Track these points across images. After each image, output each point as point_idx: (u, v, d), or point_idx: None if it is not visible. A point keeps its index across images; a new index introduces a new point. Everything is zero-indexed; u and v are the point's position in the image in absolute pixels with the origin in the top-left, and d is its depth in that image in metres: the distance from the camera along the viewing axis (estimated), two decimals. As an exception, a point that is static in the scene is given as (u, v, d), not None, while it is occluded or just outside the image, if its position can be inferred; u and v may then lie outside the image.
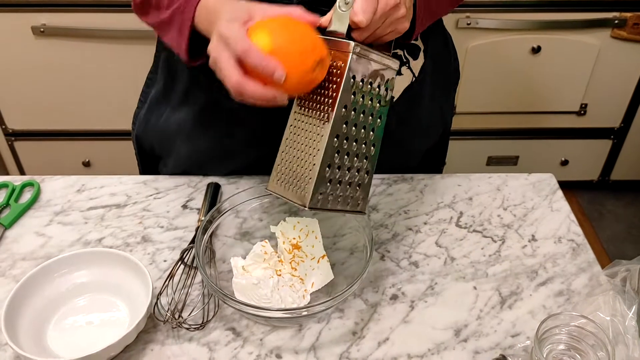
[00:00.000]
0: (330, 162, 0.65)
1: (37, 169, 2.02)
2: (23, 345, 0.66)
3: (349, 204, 0.69)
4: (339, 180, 0.66)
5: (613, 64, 1.87)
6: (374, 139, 0.69)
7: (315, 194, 0.64)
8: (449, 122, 1.06)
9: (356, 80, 0.64)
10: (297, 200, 0.65)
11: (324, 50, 0.63)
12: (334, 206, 0.67)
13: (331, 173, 0.65)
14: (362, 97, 0.65)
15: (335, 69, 0.63)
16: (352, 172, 0.67)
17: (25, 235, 0.86)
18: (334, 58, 0.64)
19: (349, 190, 0.68)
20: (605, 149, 2.09)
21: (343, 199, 0.68)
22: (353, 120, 0.65)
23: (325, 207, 0.66)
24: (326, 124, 0.64)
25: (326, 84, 0.64)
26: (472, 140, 2.03)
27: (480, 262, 0.82)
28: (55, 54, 1.76)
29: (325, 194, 0.65)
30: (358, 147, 0.67)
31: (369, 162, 0.69)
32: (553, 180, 0.97)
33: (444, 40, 0.98)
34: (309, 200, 0.64)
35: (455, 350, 0.71)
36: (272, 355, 0.70)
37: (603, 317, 0.68)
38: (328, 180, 0.65)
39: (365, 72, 0.65)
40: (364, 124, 0.67)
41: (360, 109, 0.66)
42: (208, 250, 0.78)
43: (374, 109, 0.67)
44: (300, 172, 0.66)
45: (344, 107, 0.64)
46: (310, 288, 0.76)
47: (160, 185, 0.94)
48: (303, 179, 0.65)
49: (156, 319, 0.73)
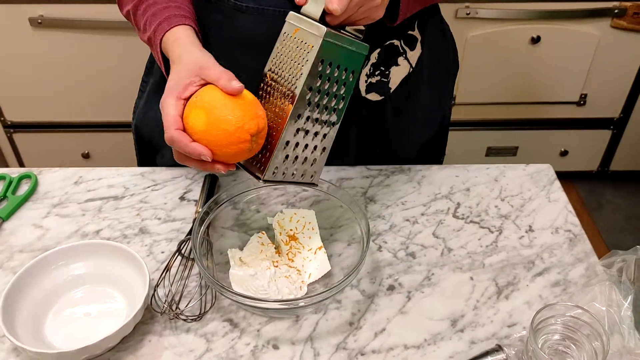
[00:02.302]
0: (289, 139, 0.67)
1: (36, 161, 2.02)
2: (21, 337, 0.66)
3: (302, 177, 0.72)
4: (295, 156, 0.69)
5: (613, 54, 1.86)
6: (334, 119, 0.71)
7: (271, 168, 0.67)
8: (447, 113, 1.06)
9: (324, 65, 0.65)
10: (254, 171, 0.69)
11: (252, 127, 0.64)
12: (288, 178, 0.70)
13: (289, 150, 0.68)
14: (328, 79, 0.67)
15: (305, 50, 0.64)
16: (309, 150, 0.70)
17: (22, 227, 0.86)
18: (303, 37, 0.65)
19: (304, 164, 0.71)
20: (604, 140, 2.09)
21: (297, 172, 0.71)
22: (316, 102, 0.67)
23: (279, 180, 0.69)
24: (289, 103, 0.65)
25: (295, 64, 0.65)
26: (472, 131, 2.03)
27: (477, 252, 0.83)
28: (53, 45, 1.76)
29: (280, 168, 0.68)
30: (317, 128, 0.69)
31: (326, 140, 0.71)
32: (551, 170, 0.97)
33: (442, 31, 0.97)
34: (264, 174, 0.67)
35: (452, 340, 0.71)
36: (269, 346, 0.70)
37: (599, 307, 0.68)
38: (285, 156, 0.68)
39: (333, 57, 0.66)
40: (326, 105, 0.69)
41: (324, 91, 0.67)
42: (205, 242, 0.78)
43: (338, 92, 0.69)
44: (262, 145, 0.68)
45: (309, 89, 0.65)
46: (307, 279, 0.76)
47: (157, 177, 0.94)
48: (262, 152, 0.68)
49: (153, 311, 0.73)
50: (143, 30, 0.80)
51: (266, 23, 0.79)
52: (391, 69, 0.88)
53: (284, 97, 0.66)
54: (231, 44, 0.83)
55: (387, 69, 0.88)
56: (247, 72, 0.84)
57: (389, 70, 0.88)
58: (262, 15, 0.79)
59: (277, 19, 0.79)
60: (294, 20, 0.66)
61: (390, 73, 0.88)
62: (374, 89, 0.89)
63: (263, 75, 0.69)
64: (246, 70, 0.83)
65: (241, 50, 0.82)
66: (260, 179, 0.67)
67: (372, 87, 0.88)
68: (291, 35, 0.66)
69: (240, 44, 0.82)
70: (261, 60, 0.69)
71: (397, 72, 0.89)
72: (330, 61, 0.65)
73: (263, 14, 0.79)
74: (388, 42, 0.86)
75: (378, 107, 0.91)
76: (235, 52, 0.83)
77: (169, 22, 0.75)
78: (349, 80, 0.69)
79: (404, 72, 0.90)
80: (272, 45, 0.68)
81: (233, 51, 0.83)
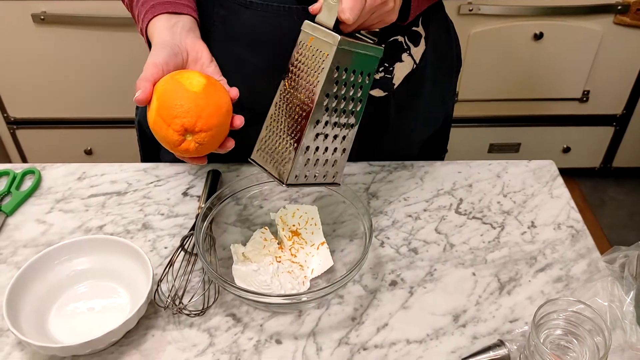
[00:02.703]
0: (309, 144, 0.68)
1: (39, 157, 2.03)
2: (25, 331, 0.67)
3: (324, 178, 0.73)
4: (316, 159, 0.70)
5: (616, 50, 1.86)
6: (352, 121, 0.72)
7: (293, 173, 0.68)
8: (450, 109, 1.06)
9: (339, 71, 0.66)
10: (277, 176, 0.70)
11: (190, 121, 0.65)
12: (310, 181, 0.71)
13: (309, 154, 0.69)
14: (344, 84, 0.68)
15: (321, 58, 0.66)
16: (329, 152, 0.71)
17: (26, 223, 0.86)
18: (318, 45, 0.66)
19: (325, 167, 0.72)
20: (607, 136, 2.08)
21: (319, 175, 0.72)
22: (333, 107, 0.68)
23: (301, 183, 0.70)
24: (307, 109, 0.67)
25: (311, 72, 0.67)
26: (474, 128, 2.03)
27: (480, 248, 0.83)
28: (56, 41, 1.76)
29: (302, 173, 0.70)
30: (337, 131, 0.71)
31: (345, 142, 0.73)
32: (553, 167, 0.97)
33: (446, 27, 0.97)
34: (286, 179, 0.68)
35: (454, 335, 0.71)
36: (272, 341, 0.71)
37: (601, 302, 0.69)
38: (305, 161, 0.69)
39: (348, 63, 0.67)
40: (343, 109, 0.70)
41: (341, 96, 0.68)
42: (208, 237, 0.78)
43: (355, 96, 0.70)
44: (281, 150, 0.69)
45: (326, 95, 0.67)
46: (310, 274, 0.77)
47: (160, 173, 0.95)
48: (283, 157, 0.69)
49: (157, 305, 0.73)
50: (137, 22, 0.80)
51: (270, 19, 0.79)
52: (395, 65, 0.88)
53: (303, 104, 0.67)
54: (234, 39, 0.83)
55: (390, 65, 0.88)
56: (250, 68, 0.84)
57: (393, 67, 0.88)
58: (266, 11, 0.79)
59: (281, 15, 0.79)
60: (309, 29, 0.67)
61: (394, 69, 0.88)
62: (377, 85, 0.89)
63: (281, 83, 0.70)
64: (249, 66, 0.84)
65: (244, 46, 0.82)
66: (283, 183, 0.69)
67: (375, 83, 0.88)
68: (307, 44, 0.67)
69: (244, 40, 0.82)
70: (264, 56, 0.69)
71: (401, 68, 0.89)
72: (345, 67, 0.67)
73: (267, 10, 0.79)
74: (392, 38, 0.86)
75: (381, 103, 0.91)
76: (238, 47, 0.83)
77: (152, 12, 0.75)
78: (365, 83, 0.70)
79: (407, 68, 0.90)
80: (275, 42, 0.69)
81: (236, 47, 0.83)
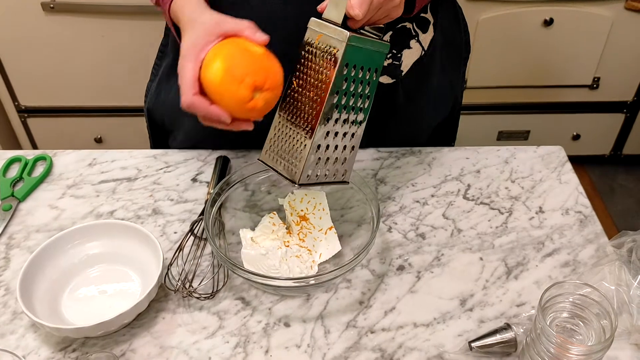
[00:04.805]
0: (320, 143, 0.68)
1: (50, 146, 2.04)
2: (38, 313, 0.68)
3: (334, 177, 0.73)
4: (327, 158, 0.70)
5: (626, 37, 1.84)
6: (361, 119, 0.72)
7: (305, 172, 0.68)
8: (459, 96, 1.06)
9: (348, 68, 0.66)
10: (287, 176, 0.70)
11: (260, 78, 0.63)
12: (321, 180, 0.71)
13: (320, 153, 0.69)
14: (353, 81, 0.68)
15: (330, 55, 0.65)
16: (339, 150, 0.71)
17: (38, 208, 0.87)
18: (327, 42, 0.66)
19: (335, 166, 0.72)
20: (617, 123, 2.07)
21: (329, 173, 0.72)
22: (343, 104, 0.68)
23: (313, 182, 0.70)
24: (317, 106, 0.66)
25: (319, 69, 0.66)
26: (483, 115, 2.02)
27: (487, 233, 0.83)
28: (66, 30, 1.77)
29: (314, 172, 0.69)
30: (346, 128, 0.71)
31: (354, 139, 0.72)
32: (562, 152, 0.97)
33: (454, 13, 0.97)
34: (298, 179, 0.68)
35: (461, 319, 0.72)
36: (281, 324, 0.72)
37: (608, 286, 0.69)
38: (317, 160, 0.69)
39: (357, 60, 0.67)
40: (352, 106, 0.70)
41: (350, 93, 0.69)
42: (217, 222, 0.79)
43: (364, 92, 0.70)
44: (291, 149, 0.69)
45: (336, 92, 0.67)
46: (318, 259, 0.77)
47: (170, 159, 0.96)
48: (294, 156, 0.69)
49: (167, 289, 0.74)
50: None
51: (279, 4, 0.79)
52: (403, 51, 0.88)
53: (312, 102, 0.67)
54: None
55: (399, 52, 0.88)
56: None
57: (401, 53, 0.88)
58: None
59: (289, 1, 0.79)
60: (315, 26, 0.67)
61: (402, 56, 0.88)
62: (385, 72, 0.89)
63: (289, 82, 0.70)
64: None
65: None
66: (295, 183, 0.68)
67: (383, 70, 0.88)
68: (314, 42, 0.67)
69: None
70: (274, 41, 0.69)
71: (409, 55, 0.89)
72: (354, 64, 0.67)
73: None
74: (400, 24, 0.86)
75: (389, 90, 0.91)
76: None
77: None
78: (373, 80, 0.70)
79: (415, 55, 0.90)
80: (284, 27, 0.69)
81: None
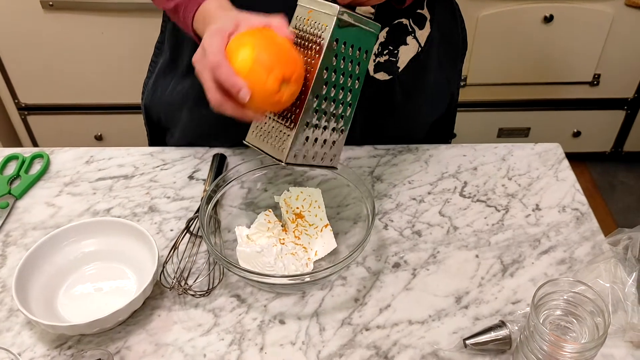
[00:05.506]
0: (308, 120, 0.67)
1: (50, 143, 2.04)
2: (34, 311, 0.68)
3: (322, 160, 0.72)
4: (315, 138, 0.69)
5: (627, 33, 1.84)
6: (350, 99, 0.71)
7: (292, 150, 0.67)
8: (455, 93, 1.06)
9: (338, 44, 0.66)
10: (275, 155, 0.69)
11: (288, 70, 0.62)
12: (309, 161, 0.70)
13: (308, 131, 0.68)
14: (343, 59, 0.67)
15: (320, 29, 0.65)
16: (328, 132, 0.70)
17: (35, 206, 0.87)
18: (317, 18, 0.65)
19: (323, 147, 0.71)
20: (618, 120, 2.06)
21: (318, 155, 0.71)
22: (332, 82, 0.68)
23: (300, 163, 0.69)
24: (307, 83, 0.66)
25: (310, 45, 0.66)
26: (483, 112, 2.02)
27: (483, 231, 0.83)
28: (65, 27, 1.77)
29: (301, 152, 0.69)
30: (335, 108, 0.70)
31: (344, 121, 0.72)
32: (559, 149, 0.97)
33: (451, 10, 0.97)
34: (286, 156, 0.67)
35: (456, 316, 0.72)
36: (276, 321, 0.72)
37: (603, 284, 0.69)
38: (305, 138, 0.68)
39: (347, 37, 0.66)
40: (342, 85, 0.69)
41: (340, 71, 0.68)
42: (213, 220, 0.79)
43: (353, 72, 0.69)
44: (279, 128, 0.69)
45: (325, 69, 0.66)
46: (314, 256, 0.77)
47: (166, 157, 0.96)
48: (281, 135, 0.68)
49: (163, 286, 0.74)
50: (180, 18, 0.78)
51: None
52: (400, 48, 0.88)
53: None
54: None
55: (395, 48, 0.88)
56: None
57: (398, 50, 0.88)
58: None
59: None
60: (306, 2, 0.67)
61: (398, 52, 0.88)
62: (382, 68, 0.89)
63: None
64: None
65: None
66: (282, 162, 0.68)
67: (380, 66, 0.88)
68: (305, 18, 0.67)
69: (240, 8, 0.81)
70: None
71: (406, 51, 0.89)
72: (344, 40, 0.66)
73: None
74: (397, 20, 0.85)
75: (386, 86, 0.91)
76: None
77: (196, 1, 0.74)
78: (363, 60, 0.70)
79: (412, 51, 0.89)
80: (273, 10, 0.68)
81: None
